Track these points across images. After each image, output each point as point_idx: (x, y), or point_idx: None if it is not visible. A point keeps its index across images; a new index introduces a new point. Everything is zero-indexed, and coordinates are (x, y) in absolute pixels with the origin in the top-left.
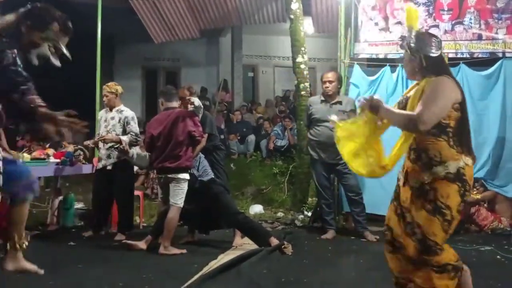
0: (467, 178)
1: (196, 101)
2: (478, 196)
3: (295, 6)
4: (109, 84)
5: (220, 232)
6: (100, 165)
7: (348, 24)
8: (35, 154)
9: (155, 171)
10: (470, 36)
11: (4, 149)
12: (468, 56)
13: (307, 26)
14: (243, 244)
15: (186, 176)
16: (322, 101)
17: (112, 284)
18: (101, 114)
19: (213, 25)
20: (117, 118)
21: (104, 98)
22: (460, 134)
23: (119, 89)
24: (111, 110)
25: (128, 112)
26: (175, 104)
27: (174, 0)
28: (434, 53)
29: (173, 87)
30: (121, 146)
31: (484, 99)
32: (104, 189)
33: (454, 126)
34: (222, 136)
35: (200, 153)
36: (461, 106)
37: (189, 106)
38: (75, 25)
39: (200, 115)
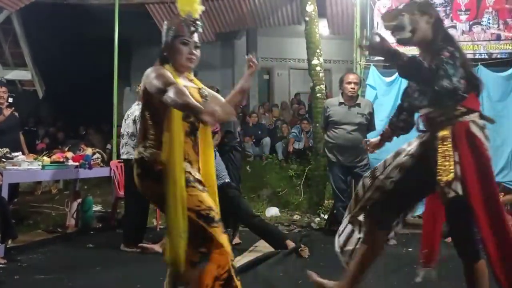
0: None
1: None
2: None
3: (310, 8)
4: None
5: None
6: None
7: (363, 25)
8: (55, 157)
9: None
10: (488, 36)
11: (23, 152)
12: (486, 56)
13: (322, 28)
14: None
15: None
16: (340, 104)
17: (129, 286)
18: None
19: (228, 28)
20: None
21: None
22: None
23: None
24: None
25: None
26: None
27: None
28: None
29: None
30: None
31: (503, 100)
32: None
33: None
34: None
35: (217, 153)
36: None
37: None
38: (93, 29)
39: None
